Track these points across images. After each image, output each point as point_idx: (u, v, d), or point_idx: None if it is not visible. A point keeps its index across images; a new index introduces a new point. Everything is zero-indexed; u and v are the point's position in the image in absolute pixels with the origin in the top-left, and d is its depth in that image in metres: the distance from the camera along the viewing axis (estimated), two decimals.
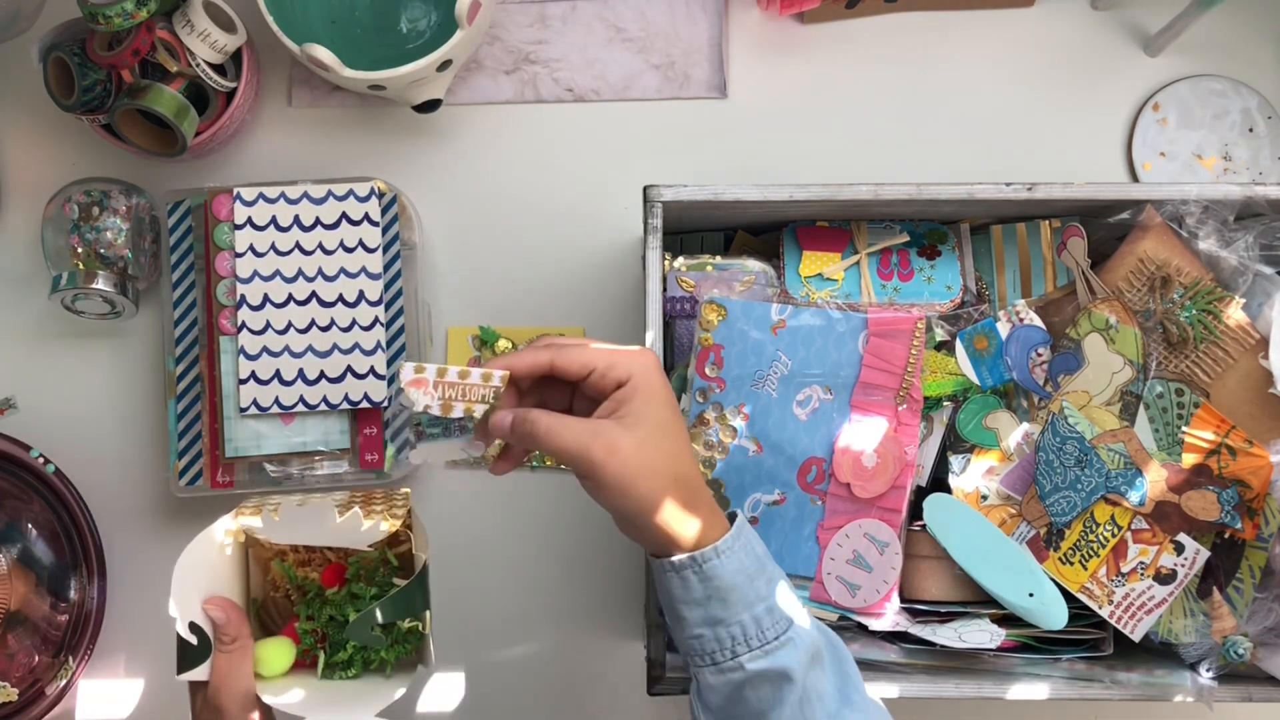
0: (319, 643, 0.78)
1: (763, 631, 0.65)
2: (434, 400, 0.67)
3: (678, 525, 0.65)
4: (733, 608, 0.65)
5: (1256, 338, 0.82)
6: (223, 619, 0.72)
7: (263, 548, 0.81)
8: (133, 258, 0.96)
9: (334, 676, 0.77)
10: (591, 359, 0.66)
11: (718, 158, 1.02)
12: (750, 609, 0.66)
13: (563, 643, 1.00)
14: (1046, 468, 0.82)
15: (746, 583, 0.66)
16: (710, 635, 0.66)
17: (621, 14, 1.03)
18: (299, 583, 0.80)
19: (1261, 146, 1.01)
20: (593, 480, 0.65)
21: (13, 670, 0.92)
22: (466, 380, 0.67)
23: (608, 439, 0.64)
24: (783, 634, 0.66)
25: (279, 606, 0.81)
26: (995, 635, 0.81)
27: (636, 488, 0.64)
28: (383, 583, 0.79)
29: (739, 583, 0.65)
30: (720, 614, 0.65)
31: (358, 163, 1.02)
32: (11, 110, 1.02)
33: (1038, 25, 1.04)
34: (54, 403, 1.00)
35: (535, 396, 0.71)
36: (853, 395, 0.84)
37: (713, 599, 0.65)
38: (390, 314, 0.95)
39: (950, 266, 0.87)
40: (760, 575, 0.67)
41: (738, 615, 0.65)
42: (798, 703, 0.65)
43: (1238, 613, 0.81)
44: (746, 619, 0.65)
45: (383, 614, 0.74)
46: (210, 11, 0.93)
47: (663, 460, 0.65)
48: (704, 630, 0.66)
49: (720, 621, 0.65)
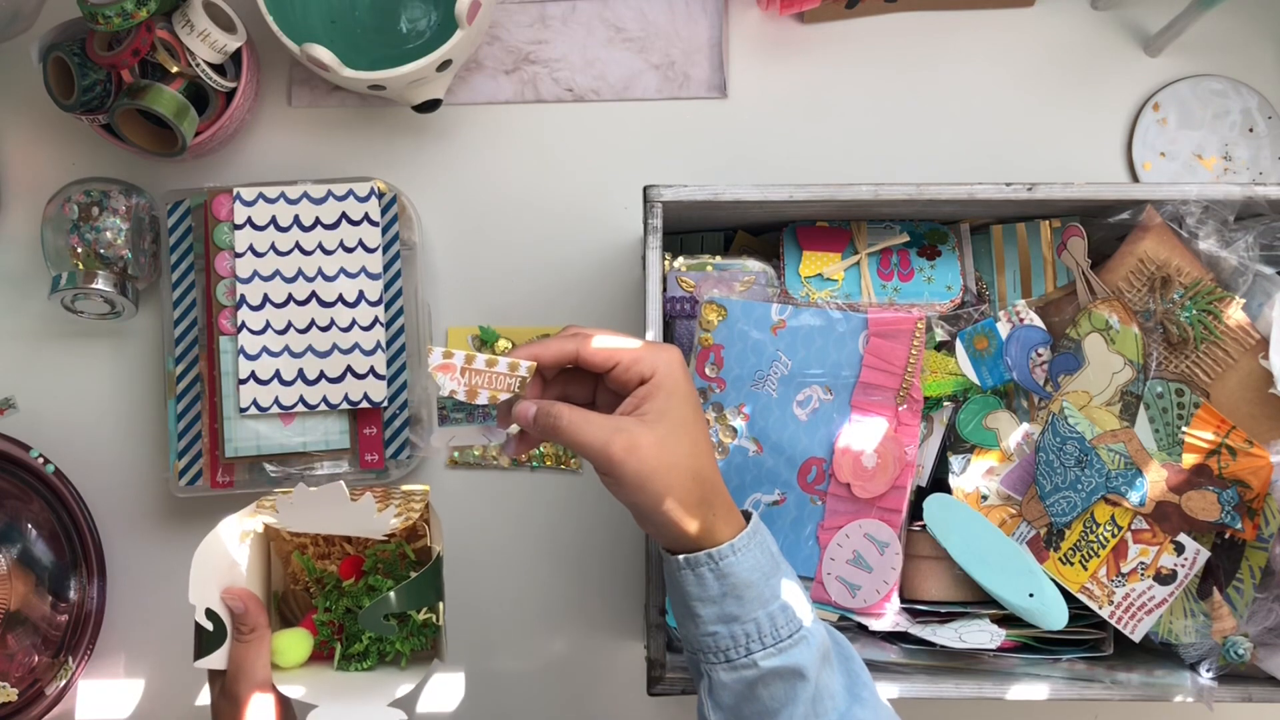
0: (336, 634, 0.79)
1: (777, 629, 0.66)
2: (460, 386, 0.68)
3: (695, 522, 0.66)
4: (748, 605, 0.66)
5: (1257, 338, 0.82)
6: (241, 609, 0.73)
7: (284, 541, 0.81)
8: (132, 258, 0.96)
9: (349, 668, 0.78)
10: (616, 353, 0.67)
11: (718, 158, 1.02)
12: (765, 606, 0.66)
13: (563, 643, 1.00)
14: (1047, 468, 0.82)
15: (762, 580, 0.66)
16: (725, 633, 0.66)
17: (621, 14, 1.03)
18: (318, 575, 0.80)
19: (1262, 146, 1.01)
20: (612, 476, 0.65)
21: (12, 670, 0.92)
22: (493, 369, 0.68)
23: (628, 436, 0.64)
24: (796, 632, 0.66)
25: (299, 600, 0.81)
26: (995, 635, 0.81)
27: (655, 484, 0.64)
28: (400, 576, 0.79)
29: (754, 580, 0.66)
30: (735, 611, 0.66)
31: (358, 162, 1.02)
32: (11, 110, 1.02)
33: (1038, 25, 1.03)
34: (54, 403, 1.00)
35: (559, 386, 0.72)
36: (853, 395, 0.84)
37: (728, 596, 0.66)
38: (390, 314, 0.95)
39: (950, 267, 0.87)
40: (775, 573, 0.68)
41: (753, 613, 0.66)
42: (810, 700, 0.66)
43: (1238, 613, 0.81)
44: (761, 616, 0.66)
45: (397, 602, 0.75)
46: (210, 11, 0.93)
47: (682, 458, 0.66)
48: (719, 628, 0.66)
49: (735, 619, 0.66)
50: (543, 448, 0.99)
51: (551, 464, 0.99)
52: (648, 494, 0.65)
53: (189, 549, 1.02)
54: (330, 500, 0.73)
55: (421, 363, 0.96)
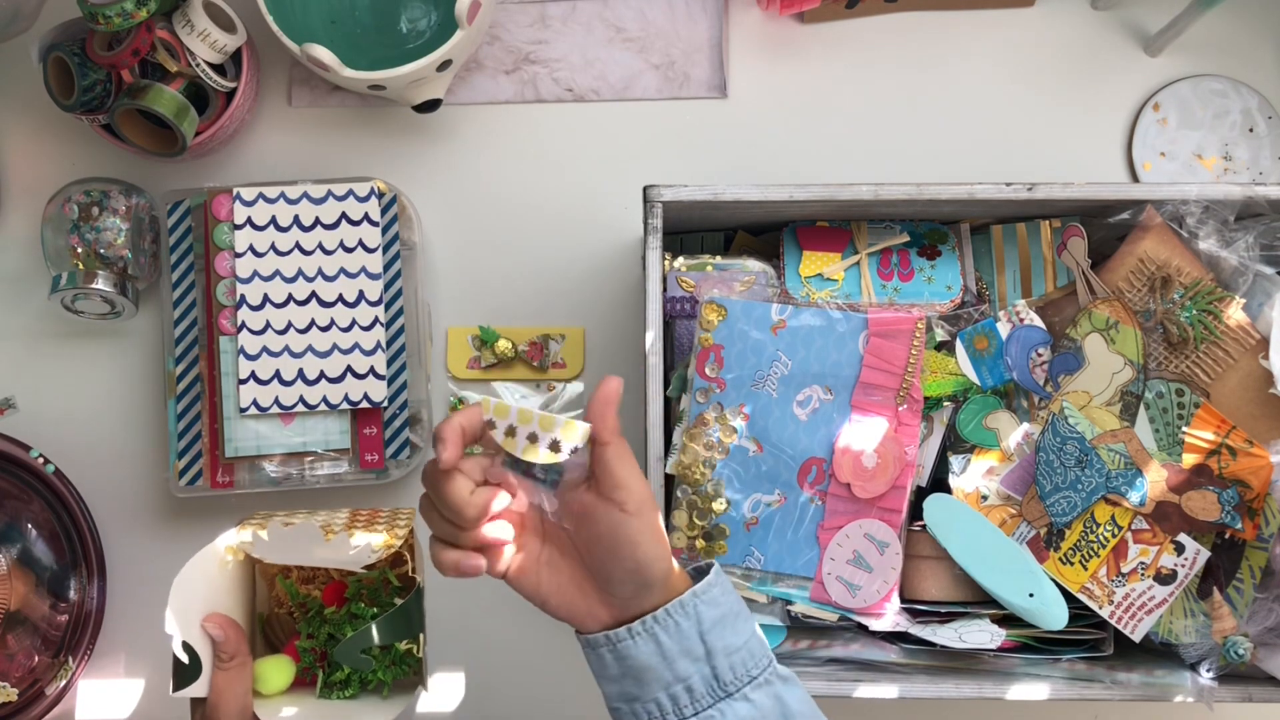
0: (318, 661, 0.78)
1: (680, 708, 0.64)
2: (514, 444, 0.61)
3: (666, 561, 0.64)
4: (647, 686, 0.64)
5: (1257, 338, 0.82)
6: (221, 637, 0.71)
7: (268, 563, 0.81)
8: (132, 258, 0.96)
9: (331, 696, 0.77)
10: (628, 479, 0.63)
11: (718, 158, 1.02)
12: (666, 688, 0.64)
13: (561, 645, 1.00)
14: (1047, 468, 0.82)
15: (661, 664, 0.64)
16: (627, 710, 0.65)
17: (621, 14, 1.03)
18: (301, 599, 0.79)
19: (1262, 146, 1.01)
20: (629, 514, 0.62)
21: (12, 670, 0.92)
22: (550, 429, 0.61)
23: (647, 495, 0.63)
24: (702, 711, 0.63)
25: (283, 623, 0.80)
26: (995, 635, 0.81)
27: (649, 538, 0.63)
28: (384, 603, 0.79)
29: (653, 664, 0.63)
30: (635, 691, 0.64)
31: (357, 162, 1.02)
32: (11, 110, 1.02)
33: (1038, 25, 1.03)
34: (54, 403, 1.00)
35: None
36: (853, 395, 0.84)
37: (626, 676, 0.64)
38: (390, 314, 0.95)
39: (950, 266, 0.87)
40: (684, 655, 0.64)
41: (652, 693, 0.64)
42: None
43: (1238, 613, 0.81)
44: (663, 697, 0.64)
45: (379, 634, 0.74)
46: (210, 11, 0.93)
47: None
48: (620, 705, 0.65)
49: (635, 698, 0.64)
50: None
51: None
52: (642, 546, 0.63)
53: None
54: (305, 537, 0.72)
55: (422, 362, 0.96)
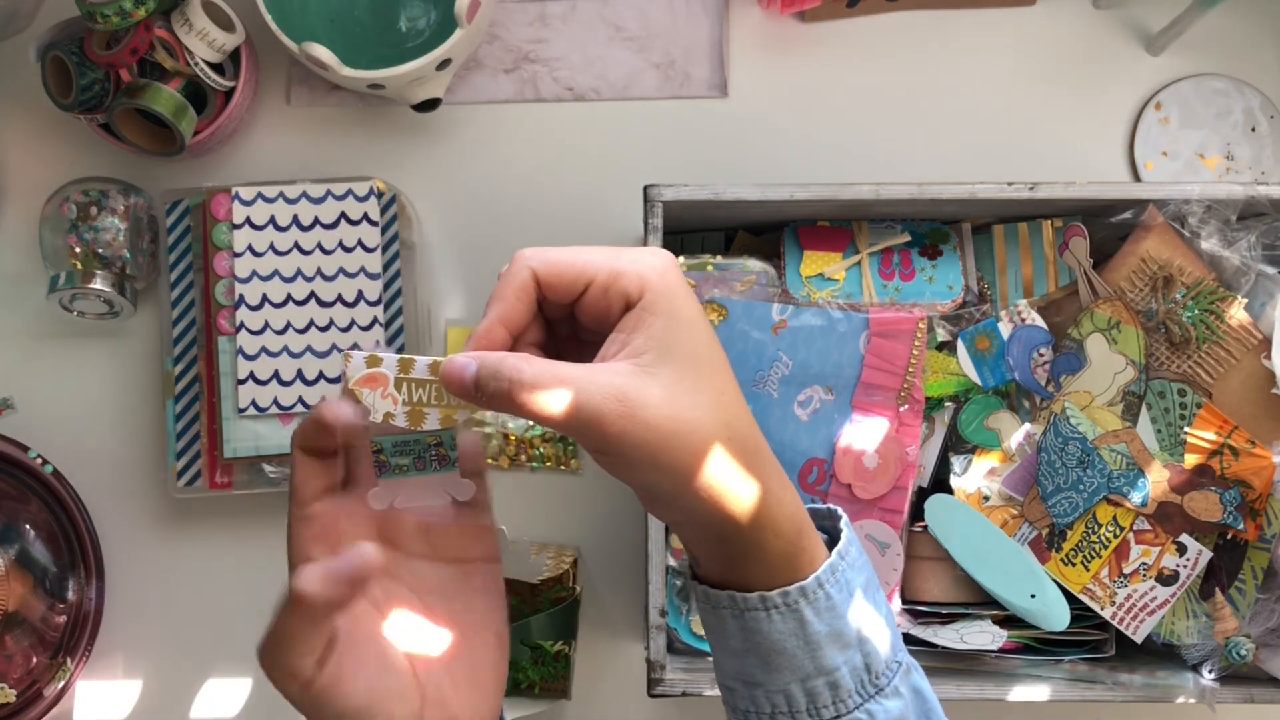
0: None
1: (818, 709, 0.50)
2: (398, 407, 0.47)
3: (746, 499, 0.47)
4: (775, 673, 0.49)
5: (1259, 338, 0.82)
6: None
7: None
8: (131, 257, 0.96)
9: None
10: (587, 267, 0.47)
11: (718, 157, 1.02)
12: (803, 681, 0.49)
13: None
14: (1048, 468, 0.82)
15: (803, 650, 0.49)
16: (745, 693, 0.51)
17: (622, 13, 1.03)
18: None
19: (1264, 146, 1.01)
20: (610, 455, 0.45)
21: (11, 672, 0.91)
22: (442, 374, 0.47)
23: (622, 392, 0.44)
24: (847, 714, 0.50)
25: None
26: (997, 637, 0.81)
27: (674, 455, 0.45)
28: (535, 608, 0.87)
29: (789, 648, 0.49)
30: (759, 676, 0.50)
31: (357, 162, 1.02)
32: (9, 109, 1.02)
33: (1039, 24, 1.03)
34: (52, 403, 1.00)
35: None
36: (854, 396, 0.84)
37: (750, 654, 0.50)
38: (389, 314, 0.95)
39: (952, 266, 0.87)
40: (833, 641, 0.49)
41: (782, 683, 0.49)
42: None
43: (1240, 614, 0.81)
44: (795, 689, 0.50)
45: (536, 630, 0.81)
46: (209, 10, 0.92)
47: (705, 409, 0.46)
48: (736, 684, 0.51)
49: (758, 684, 0.50)
50: (541, 447, 0.99)
51: (551, 465, 0.99)
52: (665, 470, 0.45)
53: (188, 550, 1.02)
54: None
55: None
